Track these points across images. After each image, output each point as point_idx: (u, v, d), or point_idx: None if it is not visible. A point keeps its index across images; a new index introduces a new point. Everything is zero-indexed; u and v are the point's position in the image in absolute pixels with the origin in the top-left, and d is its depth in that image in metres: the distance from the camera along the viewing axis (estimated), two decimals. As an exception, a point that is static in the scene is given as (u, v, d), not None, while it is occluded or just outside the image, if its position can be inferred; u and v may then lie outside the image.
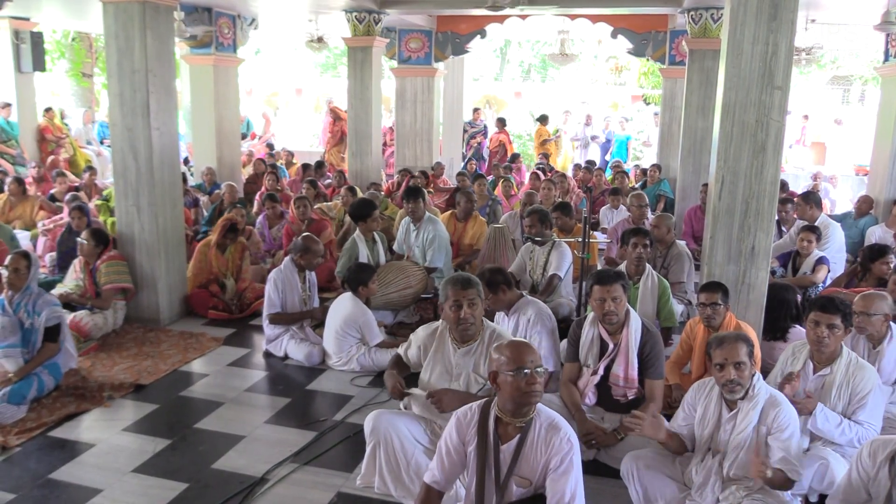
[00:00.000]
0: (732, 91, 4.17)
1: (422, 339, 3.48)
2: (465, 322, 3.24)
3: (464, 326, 3.26)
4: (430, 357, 3.40)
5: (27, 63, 10.48)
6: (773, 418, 2.88)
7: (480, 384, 3.25)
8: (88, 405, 4.18)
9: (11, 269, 4.19)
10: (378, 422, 3.16)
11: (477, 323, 3.29)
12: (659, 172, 10.05)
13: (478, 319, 3.30)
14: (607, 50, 21.26)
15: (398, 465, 3.09)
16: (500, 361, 2.45)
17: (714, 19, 8.20)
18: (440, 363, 3.36)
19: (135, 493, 3.29)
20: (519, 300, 4.17)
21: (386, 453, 3.09)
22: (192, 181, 9.74)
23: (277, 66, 23.46)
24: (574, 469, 2.43)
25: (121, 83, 5.38)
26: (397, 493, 3.13)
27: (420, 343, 3.48)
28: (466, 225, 6.89)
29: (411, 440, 3.15)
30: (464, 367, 3.30)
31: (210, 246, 6.04)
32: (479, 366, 3.28)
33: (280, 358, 5.04)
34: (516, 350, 2.45)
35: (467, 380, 3.28)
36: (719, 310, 3.96)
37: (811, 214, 6.42)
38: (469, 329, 3.27)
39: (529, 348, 2.47)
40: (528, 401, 2.42)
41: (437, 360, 3.37)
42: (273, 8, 9.35)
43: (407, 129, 11.39)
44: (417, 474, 3.05)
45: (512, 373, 2.40)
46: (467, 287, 3.25)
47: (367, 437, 3.16)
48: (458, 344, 3.32)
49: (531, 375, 2.40)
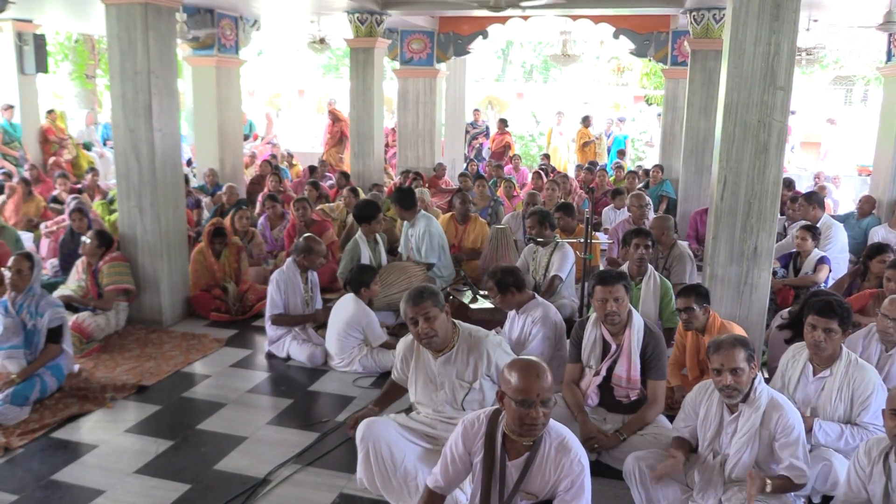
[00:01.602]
0: (734, 91, 4.16)
1: (402, 351, 3.41)
2: (425, 337, 3.13)
3: (425, 342, 3.16)
4: (412, 369, 3.35)
5: (30, 65, 10.50)
6: (776, 422, 2.86)
7: (465, 389, 3.20)
8: (91, 406, 4.18)
9: (14, 270, 4.20)
10: (367, 431, 3.10)
11: (441, 334, 3.14)
12: (661, 173, 10.05)
13: (440, 330, 3.14)
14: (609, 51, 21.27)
15: (387, 472, 3.06)
16: (508, 384, 2.34)
17: (716, 20, 8.19)
18: (422, 373, 3.30)
19: (137, 495, 3.29)
20: (529, 301, 4.18)
21: (376, 461, 3.06)
22: (195, 182, 9.75)
23: (279, 67, 23.48)
24: (584, 492, 2.39)
25: (123, 85, 5.39)
26: (388, 496, 3.12)
27: (401, 356, 3.41)
28: (467, 227, 6.89)
29: (400, 447, 3.10)
30: (446, 376, 3.23)
31: (203, 252, 6.03)
32: (461, 372, 3.21)
33: (282, 359, 5.05)
34: (525, 378, 2.31)
35: (452, 387, 3.22)
36: (695, 314, 3.93)
37: (814, 215, 6.41)
38: (432, 342, 3.15)
39: (539, 378, 2.31)
40: (529, 432, 2.35)
41: (419, 370, 3.32)
42: (275, 9, 9.36)
43: (409, 130, 11.40)
44: (405, 479, 3.03)
45: (516, 402, 2.31)
46: (419, 302, 3.11)
47: (358, 445, 3.12)
48: (435, 354, 3.23)
49: (535, 409, 2.29)
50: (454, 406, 3.22)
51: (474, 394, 3.20)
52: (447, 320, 3.20)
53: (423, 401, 3.31)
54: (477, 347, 3.21)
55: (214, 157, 9.60)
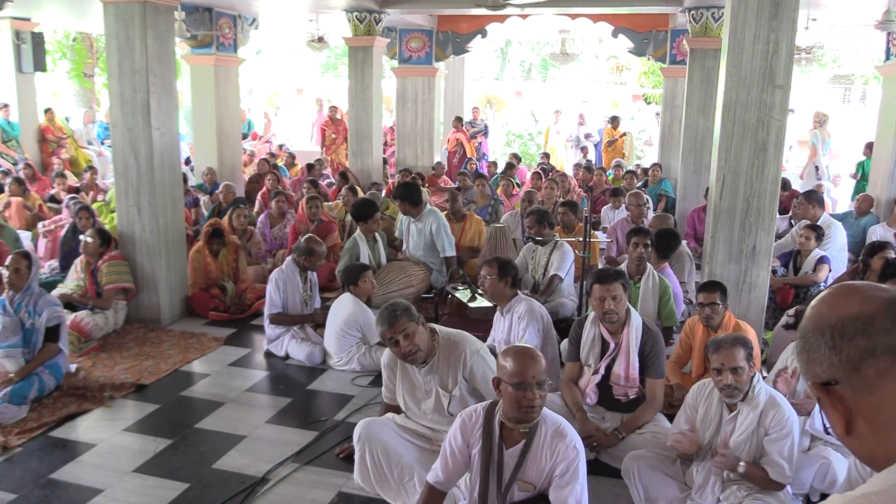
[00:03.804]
0: (733, 90, 4.16)
1: (386, 362, 3.39)
2: (409, 355, 3.10)
3: (410, 359, 3.13)
4: (398, 380, 3.33)
5: (28, 63, 10.47)
6: (771, 418, 2.88)
7: (447, 398, 3.17)
8: (89, 405, 4.18)
9: (12, 269, 4.19)
10: (364, 430, 3.12)
11: (423, 347, 3.12)
12: (660, 172, 10.05)
13: (422, 343, 3.11)
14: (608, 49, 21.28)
15: (384, 471, 3.08)
16: (504, 370, 2.41)
17: (715, 18, 8.19)
18: (408, 382, 3.29)
19: (136, 493, 3.29)
20: (513, 298, 4.20)
21: (372, 460, 3.08)
22: (193, 181, 9.74)
23: (278, 65, 23.47)
24: (579, 477, 2.42)
25: (121, 83, 5.38)
26: (385, 496, 3.13)
27: (387, 368, 3.39)
28: (464, 226, 6.88)
29: (397, 447, 3.12)
30: (430, 384, 3.21)
31: (201, 252, 6.02)
32: (444, 380, 3.19)
33: (281, 358, 5.05)
34: (520, 362, 2.39)
35: (437, 396, 3.21)
36: (718, 309, 3.95)
37: (813, 213, 6.41)
38: (416, 357, 3.12)
39: (534, 361, 2.40)
40: (526, 415, 2.40)
41: (404, 379, 3.30)
42: (274, 8, 9.35)
43: (408, 128, 11.39)
44: (402, 479, 3.04)
45: (512, 386, 2.37)
46: (394, 322, 3.06)
47: (356, 445, 3.14)
48: (419, 364, 3.21)
49: (531, 391, 2.36)
50: (441, 413, 3.21)
51: (457, 400, 3.17)
52: (425, 330, 3.16)
53: (412, 410, 3.30)
54: (455, 351, 3.19)
55: (213, 156, 9.59)
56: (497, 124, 18.28)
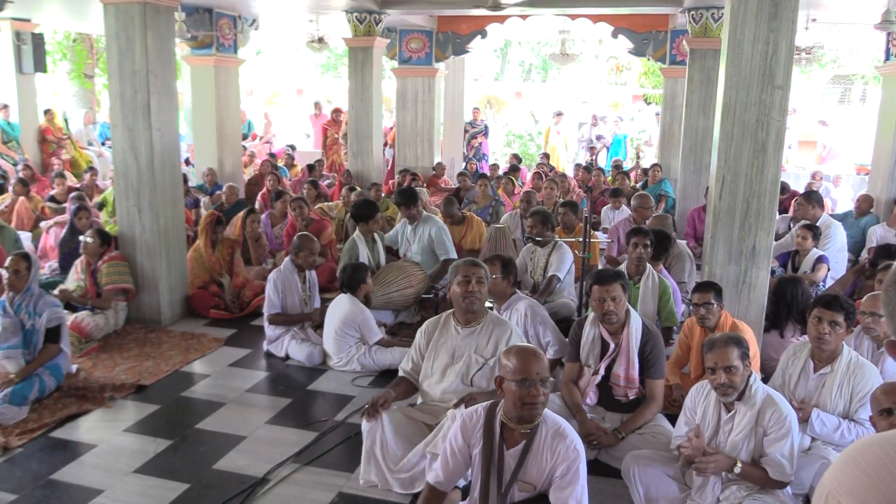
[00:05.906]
0: (733, 90, 4.16)
1: (424, 328, 3.59)
2: (471, 295, 3.36)
3: (470, 300, 3.37)
4: (432, 345, 3.51)
5: (28, 64, 10.49)
6: (769, 417, 2.88)
7: (479, 364, 3.38)
8: (90, 406, 4.18)
9: (12, 270, 4.19)
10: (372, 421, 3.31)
11: (482, 300, 3.43)
12: (660, 172, 10.05)
13: (483, 298, 3.43)
14: (608, 50, 21.25)
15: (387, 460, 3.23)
16: (507, 368, 2.44)
17: (714, 19, 8.19)
18: (444, 345, 3.48)
19: (136, 494, 3.29)
20: (512, 296, 4.30)
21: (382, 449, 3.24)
22: (193, 182, 9.75)
23: (278, 66, 23.47)
24: (580, 478, 2.43)
25: (122, 84, 5.38)
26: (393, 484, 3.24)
27: (424, 331, 3.58)
28: (465, 229, 6.88)
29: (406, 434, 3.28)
30: (466, 349, 3.42)
31: (199, 249, 6.02)
32: (480, 347, 3.42)
33: (281, 358, 5.05)
34: (523, 359, 2.42)
35: (468, 361, 3.40)
36: (713, 309, 3.96)
37: (813, 213, 6.42)
38: (475, 304, 3.39)
39: (537, 358, 2.44)
40: (530, 412, 2.42)
41: (440, 344, 3.50)
42: (274, 8, 9.35)
43: (408, 129, 11.39)
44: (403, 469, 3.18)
45: (516, 382, 2.39)
46: (478, 266, 3.45)
47: (364, 435, 3.31)
48: (462, 325, 3.45)
49: (535, 387, 2.39)
50: (464, 381, 3.39)
51: (485, 370, 3.36)
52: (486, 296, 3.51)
53: (433, 378, 3.46)
54: (502, 327, 3.46)
55: (213, 157, 9.59)
56: (497, 125, 18.28)
